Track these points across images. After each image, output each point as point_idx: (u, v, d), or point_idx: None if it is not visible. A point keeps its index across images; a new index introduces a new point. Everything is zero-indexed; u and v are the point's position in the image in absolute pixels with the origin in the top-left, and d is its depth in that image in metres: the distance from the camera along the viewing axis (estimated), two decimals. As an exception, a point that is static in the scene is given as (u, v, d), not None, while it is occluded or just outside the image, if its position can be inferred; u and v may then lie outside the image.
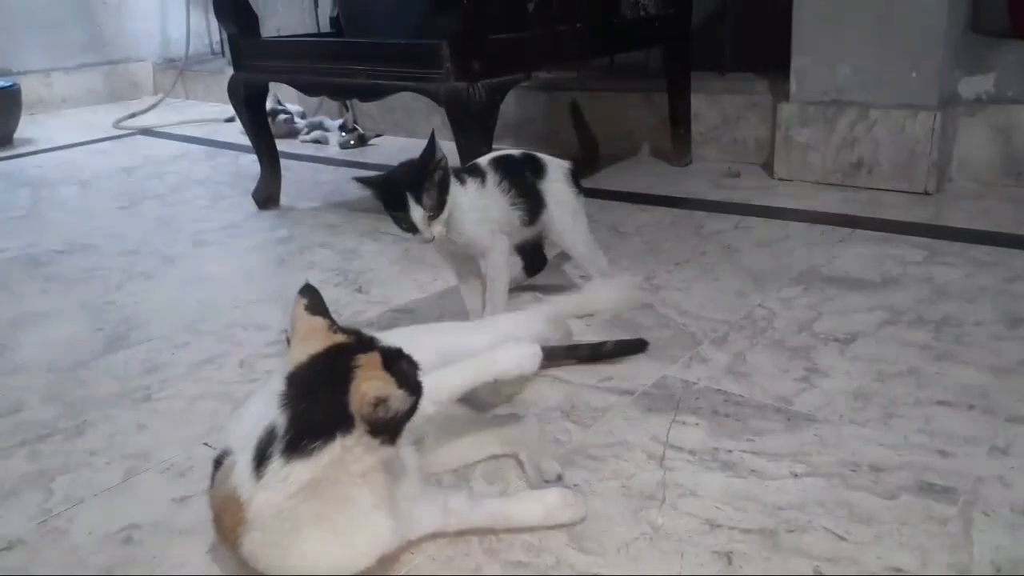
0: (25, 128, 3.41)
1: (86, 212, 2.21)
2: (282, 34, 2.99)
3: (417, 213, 1.11)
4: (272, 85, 2.18)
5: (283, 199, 2.14)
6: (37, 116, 3.85)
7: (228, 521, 0.72)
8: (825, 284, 1.38)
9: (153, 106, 3.90)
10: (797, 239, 1.62)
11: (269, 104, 2.91)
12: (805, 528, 0.79)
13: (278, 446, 0.68)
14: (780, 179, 2.06)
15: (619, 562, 0.77)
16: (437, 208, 1.12)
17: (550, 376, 1.11)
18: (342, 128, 2.90)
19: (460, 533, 0.80)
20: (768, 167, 2.12)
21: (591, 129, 0.99)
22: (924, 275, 1.38)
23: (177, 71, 4.18)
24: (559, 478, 0.88)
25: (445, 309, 1.38)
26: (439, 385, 0.79)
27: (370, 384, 0.67)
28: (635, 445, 0.95)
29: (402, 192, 1.11)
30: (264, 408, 0.73)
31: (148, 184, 2.48)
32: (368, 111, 3.09)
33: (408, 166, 1.15)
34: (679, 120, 2.25)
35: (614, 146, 2.45)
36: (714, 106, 2.28)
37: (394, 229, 1.14)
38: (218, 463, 0.76)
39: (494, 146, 2.68)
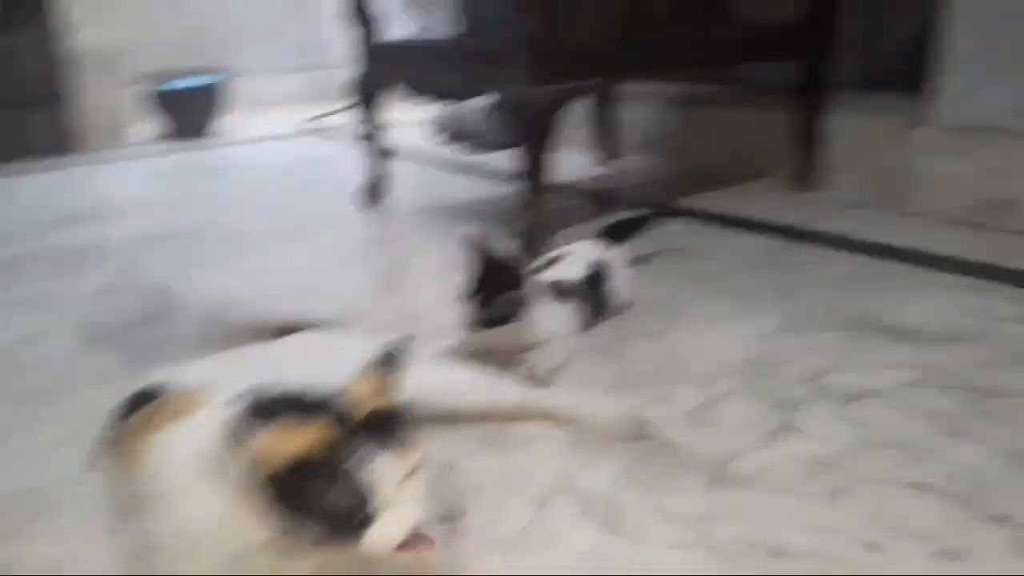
0: (227, 123, 3.79)
1: (218, 201, 2.40)
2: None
3: None
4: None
5: (398, 199, 2.19)
6: (246, 113, 4.27)
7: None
8: (875, 333, 1.18)
9: (343, 109, 4.19)
10: (882, 280, 1.40)
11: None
12: None
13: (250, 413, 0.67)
14: (912, 214, 1.80)
15: None
16: None
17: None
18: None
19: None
20: (902, 199, 1.86)
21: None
22: (1003, 334, 1.14)
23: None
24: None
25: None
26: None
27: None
28: (533, 482, 0.86)
29: None
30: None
31: (291, 179, 2.66)
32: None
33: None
34: (809, 143, 2.04)
35: (743, 167, 2.28)
36: (851, 129, 2.04)
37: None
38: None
39: (626, 156, 2.63)
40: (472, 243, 1.13)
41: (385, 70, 2.02)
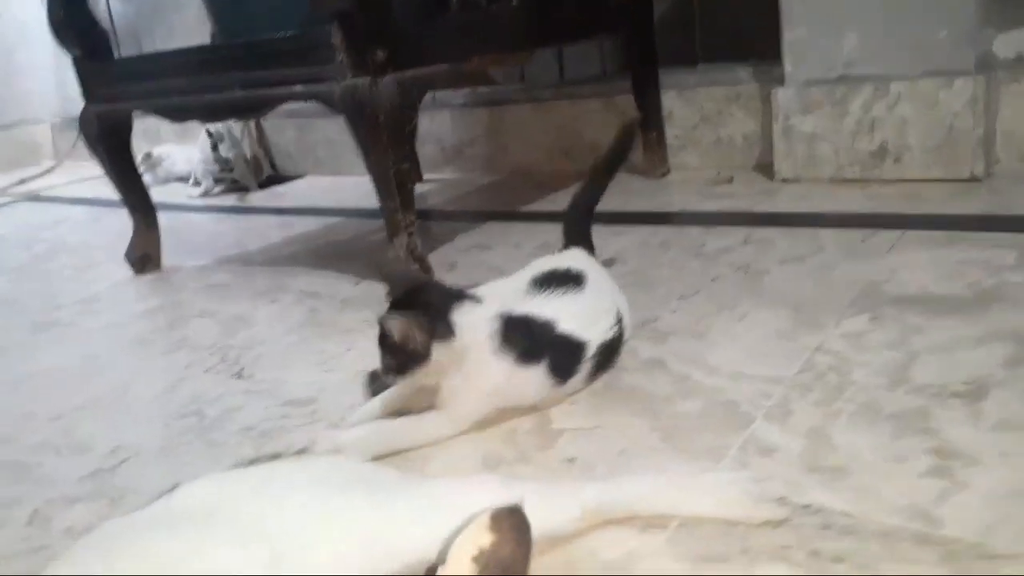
0: None
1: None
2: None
3: None
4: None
5: (169, 258, 1.69)
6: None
7: None
8: (900, 308, 0.96)
9: (48, 170, 3.46)
10: (834, 250, 1.21)
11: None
12: None
13: None
14: (784, 180, 1.66)
15: None
16: None
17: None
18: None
19: None
20: (765, 168, 1.72)
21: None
22: (1033, 283, 0.98)
23: (77, 130, 3.71)
24: None
25: (358, 400, 0.93)
26: None
27: None
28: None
29: None
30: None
31: (10, 256, 2.02)
32: (286, 149, 2.67)
33: None
34: (650, 123, 1.85)
35: (575, 162, 2.05)
36: (689, 103, 1.89)
37: (301, 285, 0.74)
38: None
39: (428, 176, 2.31)
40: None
41: (122, 97, 1.54)
